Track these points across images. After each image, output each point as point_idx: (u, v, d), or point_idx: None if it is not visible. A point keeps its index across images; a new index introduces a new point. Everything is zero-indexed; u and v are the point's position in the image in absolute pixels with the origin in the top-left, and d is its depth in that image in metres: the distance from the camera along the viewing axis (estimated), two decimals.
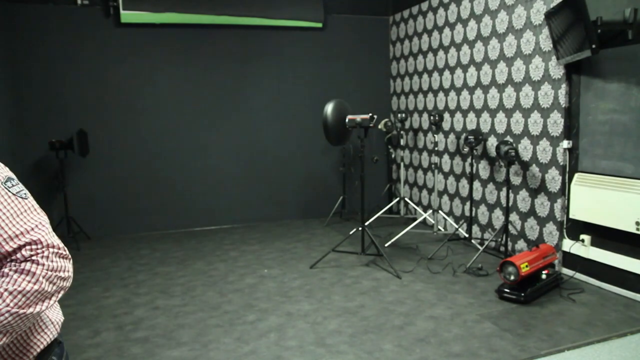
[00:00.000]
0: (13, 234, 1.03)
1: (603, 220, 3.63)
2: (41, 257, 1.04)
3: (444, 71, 5.54)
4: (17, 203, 1.07)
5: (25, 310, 1.01)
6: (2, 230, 1.02)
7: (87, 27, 5.45)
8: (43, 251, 1.04)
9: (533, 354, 2.79)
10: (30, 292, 1.01)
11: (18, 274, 1.02)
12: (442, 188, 5.65)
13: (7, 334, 1.00)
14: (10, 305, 0.99)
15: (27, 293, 1.01)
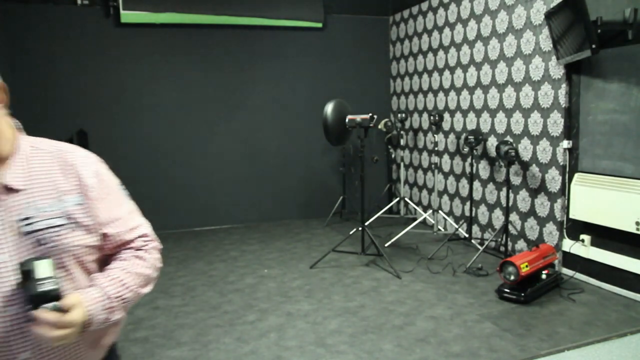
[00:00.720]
0: (133, 226, 1.22)
1: (603, 220, 3.63)
2: (150, 248, 1.24)
3: (444, 71, 5.54)
4: (129, 201, 1.27)
5: (142, 290, 1.19)
6: (127, 223, 1.21)
7: (87, 27, 5.45)
8: (149, 243, 1.25)
9: (533, 354, 2.78)
10: (145, 276, 1.20)
11: (137, 259, 1.20)
12: (442, 188, 5.65)
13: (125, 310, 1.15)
14: (136, 284, 1.17)
15: (143, 276, 1.19)
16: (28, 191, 1.07)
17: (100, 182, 1.16)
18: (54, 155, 1.15)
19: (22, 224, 1.04)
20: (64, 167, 1.13)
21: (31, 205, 1.06)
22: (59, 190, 1.10)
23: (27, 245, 1.03)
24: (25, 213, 1.05)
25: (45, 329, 0.95)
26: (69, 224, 1.08)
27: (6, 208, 1.04)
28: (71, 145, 1.21)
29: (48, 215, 1.06)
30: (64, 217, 1.08)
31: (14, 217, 1.04)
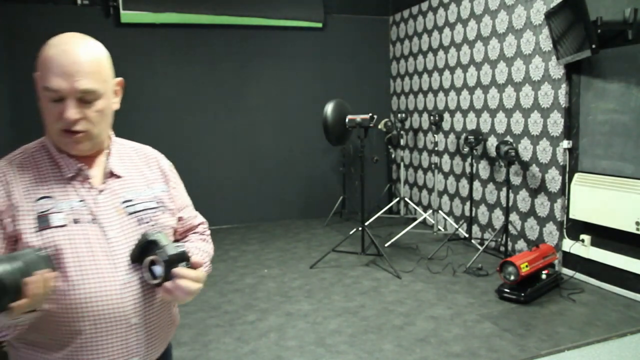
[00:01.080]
0: (195, 214, 1.42)
1: (603, 220, 3.63)
2: (208, 235, 1.45)
3: (444, 71, 5.54)
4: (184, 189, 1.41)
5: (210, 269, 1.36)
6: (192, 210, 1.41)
7: (87, 27, 5.40)
8: (207, 230, 1.45)
9: (533, 354, 2.78)
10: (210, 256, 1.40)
11: (203, 242, 1.40)
12: (442, 188, 5.65)
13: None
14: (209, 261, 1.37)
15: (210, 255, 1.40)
16: (126, 178, 1.22)
17: (174, 174, 1.37)
18: (136, 151, 1.32)
19: (125, 205, 1.18)
20: (147, 161, 1.31)
21: (131, 189, 1.22)
22: (147, 179, 1.27)
23: (130, 224, 1.17)
24: (126, 196, 1.20)
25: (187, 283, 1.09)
26: (159, 207, 1.25)
27: (112, 191, 1.18)
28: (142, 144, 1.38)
29: (144, 199, 1.22)
30: (155, 201, 1.24)
31: (118, 199, 1.18)
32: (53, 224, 1.08)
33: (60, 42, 1.10)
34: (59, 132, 1.10)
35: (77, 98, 1.07)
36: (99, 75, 1.11)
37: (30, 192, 1.10)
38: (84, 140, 1.12)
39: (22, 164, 1.14)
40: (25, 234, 1.06)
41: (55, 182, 1.13)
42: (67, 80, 1.05)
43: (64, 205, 1.10)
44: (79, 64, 1.07)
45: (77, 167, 1.15)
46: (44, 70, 1.06)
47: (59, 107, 1.07)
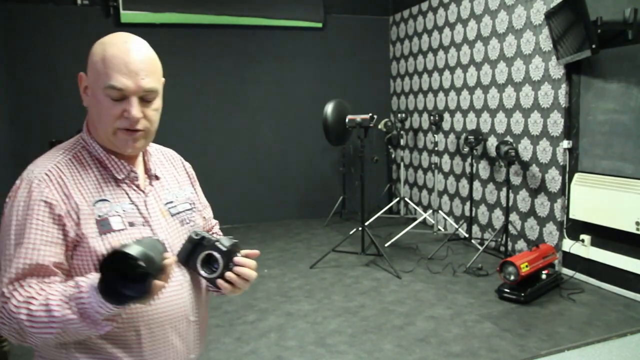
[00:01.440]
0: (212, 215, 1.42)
1: (603, 220, 3.63)
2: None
3: (444, 71, 5.54)
4: None
5: None
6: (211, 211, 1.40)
7: (87, 27, 5.44)
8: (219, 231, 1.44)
9: (533, 354, 2.78)
10: None
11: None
12: (442, 188, 5.65)
13: None
14: None
15: None
16: (163, 180, 1.23)
17: (194, 174, 1.38)
18: (163, 152, 1.32)
19: (168, 207, 1.19)
20: (173, 163, 1.32)
21: (169, 191, 1.23)
22: (178, 181, 1.28)
23: (174, 225, 1.18)
24: (167, 198, 1.21)
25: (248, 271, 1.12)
26: (193, 207, 1.26)
27: (155, 193, 1.19)
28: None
29: (181, 200, 1.24)
30: (189, 202, 1.26)
31: (161, 201, 1.19)
32: (114, 228, 1.07)
33: (119, 40, 1.08)
34: (117, 131, 1.08)
35: (139, 97, 1.07)
36: (158, 74, 1.15)
37: (86, 194, 1.07)
38: (141, 138, 1.12)
39: (69, 165, 1.11)
40: (89, 238, 1.04)
41: (105, 184, 1.11)
42: (132, 79, 1.05)
43: (118, 208, 1.10)
44: (142, 63, 1.07)
45: (128, 169, 1.14)
46: (106, 69, 1.05)
47: (120, 106, 1.06)
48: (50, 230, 1.02)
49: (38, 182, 1.05)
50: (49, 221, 1.02)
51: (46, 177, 1.06)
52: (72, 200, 1.05)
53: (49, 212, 1.02)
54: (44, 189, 1.04)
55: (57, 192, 1.04)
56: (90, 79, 1.10)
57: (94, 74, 1.08)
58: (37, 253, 1.00)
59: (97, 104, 1.08)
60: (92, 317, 0.93)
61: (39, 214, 1.02)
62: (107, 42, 1.08)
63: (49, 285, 0.98)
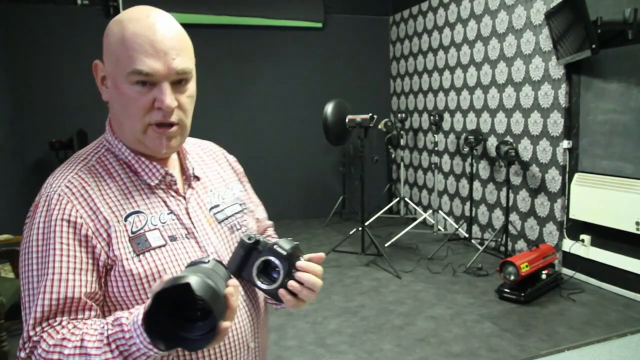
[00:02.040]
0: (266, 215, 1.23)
1: (603, 220, 3.63)
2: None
3: (444, 71, 5.54)
4: None
5: None
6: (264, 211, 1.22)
7: (87, 27, 5.44)
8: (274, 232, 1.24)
9: (533, 354, 2.78)
10: None
11: None
12: (442, 188, 5.65)
13: None
14: None
15: None
16: (204, 180, 1.04)
17: (241, 169, 1.18)
18: (201, 147, 1.14)
19: (213, 212, 1.00)
20: (216, 158, 1.13)
21: (214, 193, 1.03)
22: (224, 178, 1.09)
23: (223, 233, 0.99)
24: (211, 201, 1.02)
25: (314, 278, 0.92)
26: (244, 209, 1.07)
27: (197, 198, 0.99)
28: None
29: (229, 202, 1.05)
30: (238, 203, 1.07)
31: (205, 206, 1.00)
32: (153, 245, 0.88)
33: (140, 16, 0.87)
34: (147, 128, 0.89)
35: (170, 81, 0.88)
36: (189, 52, 0.94)
37: (115, 207, 0.88)
38: (177, 134, 0.92)
39: (93, 174, 0.91)
40: (123, 260, 0.85)
41: (137, 192, 0.92)
42: (161, 60, 0.85)
43: (155, 220, 0.90)
44: (172, 39, 0.87)
45: (162, 171, 0.94)
46: (127, 51, 0.84)
47: (149, 96, 0.86)
48: (78, 255, 0.84)
49: (58, 197, 0.86)
50: (75, 244, 0.84)
51: (67, 191, 0.87)
52: (99, 215, 0.86)
53: (74, 233, 0.84)
54: (66, 206, 0.85)
55: (81, 207, 0.86)
56: (109, 67, 0.89)
57: (112, 60, 0.87)
58: (65, 285, 0.82)
59: (120, 95, 0.88)
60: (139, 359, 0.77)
61: (62, 237, 0.84)
62: (125, 19, 0.87)
63: (84, 323, 0.81)
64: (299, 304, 0.94)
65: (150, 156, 0.95)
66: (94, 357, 0.76)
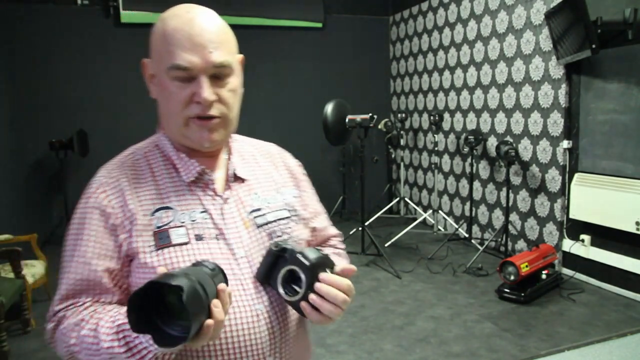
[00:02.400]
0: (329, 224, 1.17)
1: (603, 220, 3.63)
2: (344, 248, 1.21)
3: (444, 71, 5.54)
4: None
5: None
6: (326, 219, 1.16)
7: (87, 27, 5.45)
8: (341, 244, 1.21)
9: (533, 354, 2.78)
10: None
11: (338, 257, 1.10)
12: (442, 188, 5.65)
13: None
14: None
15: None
16: (251, 182, 1.01)
17: (304, 175, 1.13)
18: (258, 148, 1.11)
19: (253, 216, 0.97)
20: (273, 160, 1.09)
21: (259, 196, 1.00)
22: (276, 182, 1.05)
23: (260, 239, 0.96)
24: (253, 204, 0.98)
25: (336, 292, 0.86)
26: (292, 216, 1.02)
27: (238, 199, 0.97)
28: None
29: (275, 207, 1.00)
30: (287, 209, 1.02)
31: (245, 209, 0.97)
32: (174, 242, 0.89)
33: (180, 12, 0.90)
34: (187, 122, 0.90)
35: (209, 75, 0.88)
36: (230, 47, 0.92)
37: (145, 201, 0.91)
38: (219, 127, 0.92)
39: (134, 167, 0.95)
40: (142, 252, 0.88)
41: (173, 188, 0.93)
42: (198, 54, 0.86)
43: (184, 218, 0.91)
44: (210, 33, 0.88)
45: (198, 168, 0.95)
46: (167, 46, 0.87)
47: (188, 90, 0.88)
48: (105, 242, 0.89)
49: (96, 186, 0.93)
50: (104, 231, 0.89)
51: (104, 181, 0.93)
52: (126, 208, 0.90)
53: (104, 221, 0.89)
54: (100, 195, 0.91)
55: (114, 198, 0.91)
56: (154, 64, 0.92)
57: (156, 56, 0.90)
58: (88, 267, 0.88)
59: (163, 91, 0.90)
60: (140, 353, 0.79)
61: (92, 223, 0.90)
62: (167, 16, 0.90)
63: (103, 308, 0.87)
64: (322, 319, 0.88)
65: (195, 153, 0.96)
66: (103, 342, 0.81)
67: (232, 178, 0.98)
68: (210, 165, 0.97)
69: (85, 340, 0.83)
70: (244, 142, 1.09)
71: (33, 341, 3.12)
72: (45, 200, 5.47)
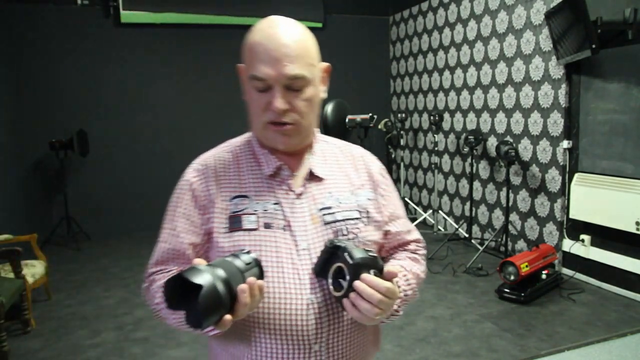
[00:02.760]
0: (409, 228, 1.18)
1: (603, 220, 3.63)
2: (422, 254, 1.18)
3: (444, 71, 5.54)
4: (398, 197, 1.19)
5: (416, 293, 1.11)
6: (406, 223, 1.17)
7: (87, 27, 5.45)
8: (421, 250, 1.19)
9: (533, 354, 2.78)
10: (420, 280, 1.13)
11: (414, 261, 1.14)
12: (442, 188, 5.65)
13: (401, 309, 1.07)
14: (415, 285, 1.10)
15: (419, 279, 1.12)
16: (328, 181, 1.07)
17: (386, 179, 1.16)
18: (343, 150, 1.15)
19: (322, 213, 1.03)
20: (354, 162, 1.14)
21: (332, 195, 1.06)
22: (353, 183, 1.09)
23: (325, 235, 1.01)
24: (325, 203, 1.04)
25: (371, 292, 0.88)
26: (362, 217, 1.06)
27: (311, 196, 1.04)
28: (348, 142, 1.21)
29: (346, 207, 1.05)
30: (358, 210, 1.06)
31: (315, 205, 1.03)
32: (244, 227, 0.99)
33: (264, 26, 1.01)
34: (265, 126, 1.00)
35: (284, 86, 0.96)
36: (307, 60, 1.00)
37: (226, 189, 1.03)
38: (293, 133, 1.00)
39: (224, 158, 1.08)
40: (216, 233, 1.00)
41: (253, 180, 1.04)
42: (273, 67, 0.95)
43: (258, 207, 1.01)
44: (285, 47, 0.97)
45: (276, 164, 1.04)
46: (250, 58, 0.98)
47: (265, 98, 0.97)
48: (193, 220, 1.03)
49: (192, 171, 1.08)
50: (194, 211, 1.03)
51: (200, 168, 1.07)
52: (211, 192, 1.03)
53: (194, 202, 1.04)
54: (194, 179, 1.06)
55: (205, 182, 1.04)
56: (244, 70, 1.03)
57: (245, 64, 1.02)
58: (177, 240, 1.02)
59: (248, 96, 1.02)
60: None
61: (184, 202, 1.05)
62: (254, 29, 1.01)
63: None
64: (361, 317, 0.91)
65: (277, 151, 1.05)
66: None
67: (309, 176, 1.06)
68: (291, 162, 1.06)
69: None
70: (329, 143, 1.15)
71: (33, 341, 3.12)
72: (45, 200, 5.47)
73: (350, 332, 1.02)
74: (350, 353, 1.04)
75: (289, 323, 0.96)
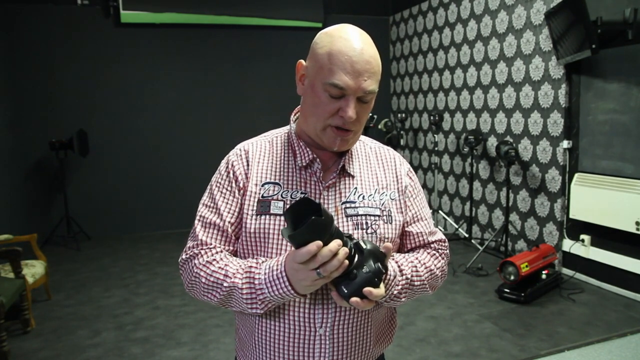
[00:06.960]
0: (433, 230, 1.22)
1: (603, 220, 3.63)
2: (443, 253, 1.22)
3: (444, 71, 5.54)
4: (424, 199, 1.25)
5: (427, 288, 1.16)
6: (429, 225, 1.21)
7: (87, 27, 5.45)
8: (444, 249, 1.23)
9: (533, 354, 2.78)
10: (434, 274, 1.17)
11: (430, 256, 1.18)
12: (442, 188, 5.65)
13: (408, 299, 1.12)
14: (425, 276, 1.14)
15: (432, 273, 1.16)
16: (356, 178, 1.14)
17: (413, 181, 1.22)
18: (374, 150, 1.21)
19: (344, 206, 1.10)
20: (384, 163, 1.20)
21: (358, 191, 1.13)
22: (379, 183, 1.16)
23: (345, 226, 1.08)
24: (350, 197, 1.11)
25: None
26: (384, 216, 1.12)
27: (337, 190, 1.11)
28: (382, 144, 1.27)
29: (369, 204, 1.12)
30: (380, 208, 1.12)
31: (341, 199, 1.10)
32: (271, 211, 1.07)
33: (348, 36, 1.03)
34: (328, 127, 1.05)
35: (357, 97, 1.03)
36: (379, 75, 1.08)
37: (261, 174, 1.11)
38: (350, 139, 1.08)
39: (262, 146, 1.16)
40: (245, 214, 1.08)
41: (286, 169, 1.11)
42: (355, 80, 1.01)
43: (286, 195, 1.08)
44: (368, 64, 1.02)
45: (310, 157, 1.10)
46: (331, 64, 1.01)
47: (336, 104, 1.02)
48: (229, 199, 1.10)
49: (233, 155, 1.15)
50: (233, 191, 1.11)
51: (240, 153, 1.15)
52: (247, 176, 1.11)
53: (234, 184, 1.11)
54: (234, 163, 1.13)
55: (242, 167, 1.12)
56: (311, 70, 1.05)
57: (316, 66, 1.03)
58: (219, 216, 1.10)
59: (314, 96, 1.05)
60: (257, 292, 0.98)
61: (225, 183, 1.12)
62: (335, 35, 1.03)
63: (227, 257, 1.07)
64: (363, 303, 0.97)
65: (312, 144, 1.12)
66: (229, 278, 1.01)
67: (340, 171, 1.12)
68: (325, 157, 1.13)
69: (214, 275, 1.03)
70: (363, 143, 1.21)
71: (33, 341, 3.12)
72: (45, 200, 5.47)
73: (357, 320, 1.08)
74: (354, 340, 1.09)
75: (299, 310, 1.04)
